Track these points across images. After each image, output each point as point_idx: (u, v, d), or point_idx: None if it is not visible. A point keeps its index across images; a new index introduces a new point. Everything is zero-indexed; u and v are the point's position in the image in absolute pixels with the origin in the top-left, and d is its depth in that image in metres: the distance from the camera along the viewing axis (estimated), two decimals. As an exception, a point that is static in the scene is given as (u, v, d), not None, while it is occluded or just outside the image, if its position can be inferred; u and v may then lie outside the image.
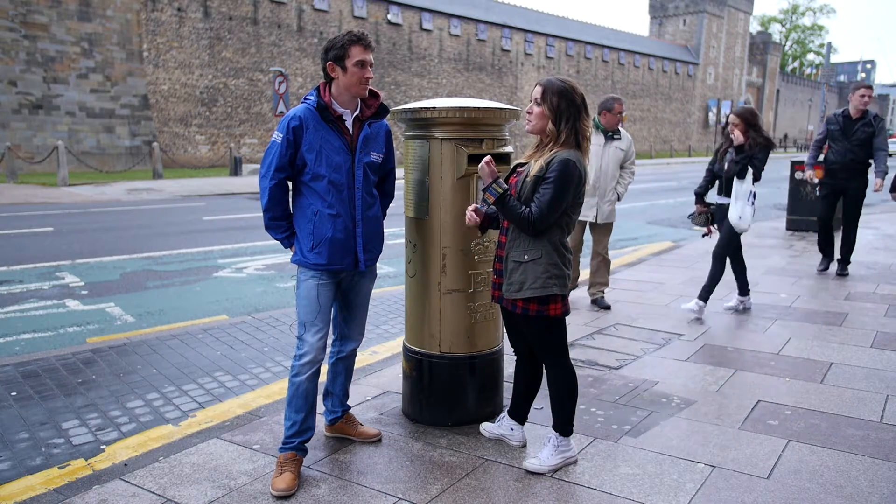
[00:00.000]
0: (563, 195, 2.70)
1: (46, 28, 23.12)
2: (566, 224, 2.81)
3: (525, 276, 2.78)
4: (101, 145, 24.46)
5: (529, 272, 2.77)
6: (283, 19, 31.36)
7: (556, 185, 2.68)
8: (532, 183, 2.74)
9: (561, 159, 2.70)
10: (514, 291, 2.81)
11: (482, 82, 41.35)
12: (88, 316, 5.74)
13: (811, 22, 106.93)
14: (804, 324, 5.27)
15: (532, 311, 2.82)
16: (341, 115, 2.86)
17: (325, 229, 2.84)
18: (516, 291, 2.80)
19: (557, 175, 2.68)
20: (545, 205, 2.69)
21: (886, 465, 3.00)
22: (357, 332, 3.19)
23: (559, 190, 2.68)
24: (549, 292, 2.77)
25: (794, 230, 10.46)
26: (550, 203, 2.68)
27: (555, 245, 2.79)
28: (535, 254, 2.77)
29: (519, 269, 2.79)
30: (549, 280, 2.76)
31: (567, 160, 2.70)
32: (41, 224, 11.22)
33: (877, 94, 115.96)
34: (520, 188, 2.80)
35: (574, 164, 2.70)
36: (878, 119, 6.82)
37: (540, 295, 2.76)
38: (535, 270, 2.76)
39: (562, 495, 2.75)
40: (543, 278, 2.76)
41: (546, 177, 2.71)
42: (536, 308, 2.81)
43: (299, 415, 2.91)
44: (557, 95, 2.75)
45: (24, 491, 2.81)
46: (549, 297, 2.79)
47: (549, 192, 2.69)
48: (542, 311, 2.81)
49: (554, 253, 2.78)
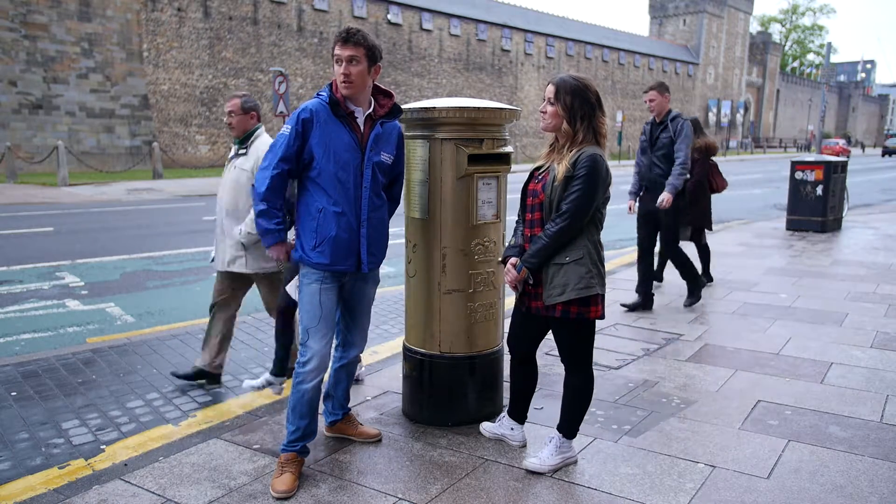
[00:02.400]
0: (596, 190, 2.69)
1: (46, 28, 23.12)
2: (599, 220, 2.80)
3: (567, 279, 2.72)
4: (101, 145, 24.46)
5: (572, 273, 2.72)
6: (283, 19, 31.35)
7: (588, 181, 2.67)
8: (563, 184, 2.72)
9: (589, 155, 2.70)
10: (556, 295, 2.73)
11: (482, 82, 41.35)
12: (88, 316, 5.74)
13: (811, 22, 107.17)
14: (804, 324, 5.27)
15: (573, 314, 2.77)
16: (353, 111, 2.82)
17: (328, 227, 2.78)
18: (559, 295, 2.72)
19: (588, 172, 2.68)
20: (579, 201, 2.67)
21: (886, 465, 3.00)
22: (360, 338, 3.16)
23: (591, 185, 2.68)
24: (592, 292, 2.72)
25: (794, 230, 10.46)
26: (585, 199, 2.67)
27: (594, 243, 2.77)
28: (577, 254, 2.73)
29: (560, 272, 2.73)
30: (593, 280, 2.73)
31: (595, 155, 2.70)
32: (41, 224, 11.22)
33: (877, 93, 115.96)
34: (549, 192, 2.77)
35: (601, 158, 2.71)
36: (677, 120, 5.51)
37: (585, 296, 2.72)
38: (577, 271, 2.72)
39: (562, 495, 2.75)
40: (587, 279, 2.72)
41: (576, 175, 2.69)
42: (577, 310, 2.76)
43: (303, 421, 2.88)
44: (571, 94, 2.74)
45: (24, 491, 2.81)
46: (590, 299, 2.75)
47: (581, 189, 2.68)
48: (582, 314, 2.77)
49: (594, 252, 2.77)
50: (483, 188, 3.20)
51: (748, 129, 70.82)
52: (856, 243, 9.41)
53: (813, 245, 9.18)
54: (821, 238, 9.82)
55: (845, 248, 9.07)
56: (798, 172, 10.38)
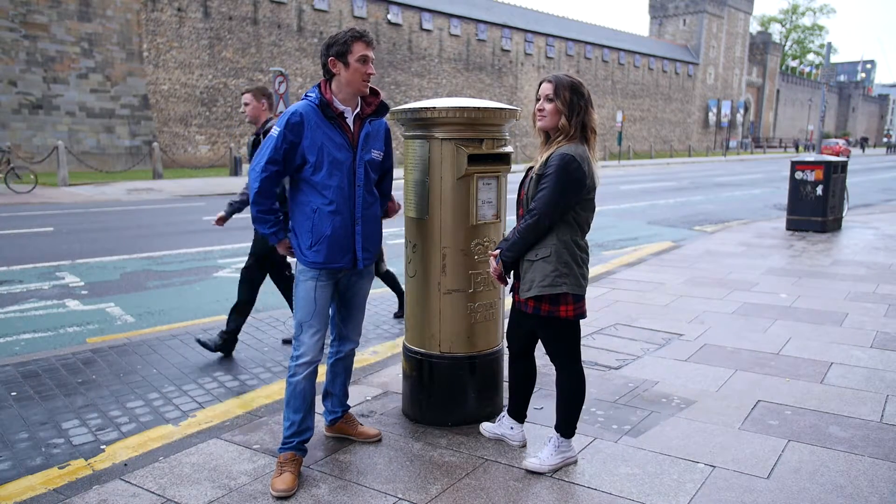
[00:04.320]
0: (563, 189, 2.69)
1: (46, 28, 23.12)
2: (576, 221, 2.79)
3: (535, 275, 2.77)
4: (101, 145, 24.46)
5: (539, 270, 2.76)
6: (283, 19, 31.36)
7: (554, 179, 2.69)
8: (535, 181, 2.77)
9: (559, 154, 2.72)
10: (525, 291, 2.80)
11: (482, 82, 41.36)
12: (88, 316, 5.74)
13: (811, 22, 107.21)
14: (804, 324, 5.27)
15: (543, 312, 2.80)
16: (342, 112, 2.86)
17: (324, 227, 2.83)
18: (527, 290, 2.79)
19: (555, 170, 2.70)
20: (545, 199, 2.70)
21: (886, 465, 3.00)
22: (355, 332, 3.20)
23: (557, 184, 2.68)
24: (557, 290, 2.74)
25: (794, 230, 10.45)
26: (550, 197, 2.69)
27: (565, 243, 2.77)
28: (544, 252, 2.76)
29: (531, 269, 2.79)
30: (559, 279, 2.74)
31: (564, 154, 2.71)
32: (41, 224, 11.22)
33: (877, 93, 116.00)
34: (528, 188, 2.83)
35: (572, 158, 2.70)
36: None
37: (549, 293, 2.75)
38: (544, 269, 2.75)
39: (562, 495, 2.75)
40: (552, 276, 2.74)
41: (545, 173, 2.72)
42: (548, 308, 2.79)
43: (297, 415, 2.91)
44: (569, 90, 2.77)
45: (24, 491, 2.81)
46: (559, 297, 2.77)
47: (547, 188, 2.70)
48: (553, 312, 2.80)
49: (564, 251, 2.76)
50: (483, 188, 3.20)
51: (748, 129, 70.83)
52: (856, 243, 9.41)
53: (813, 245, 9.18)
54: (821, 238, 9.82)
55: (845, 248, 9.07)
56: (798, 172, 10.38)
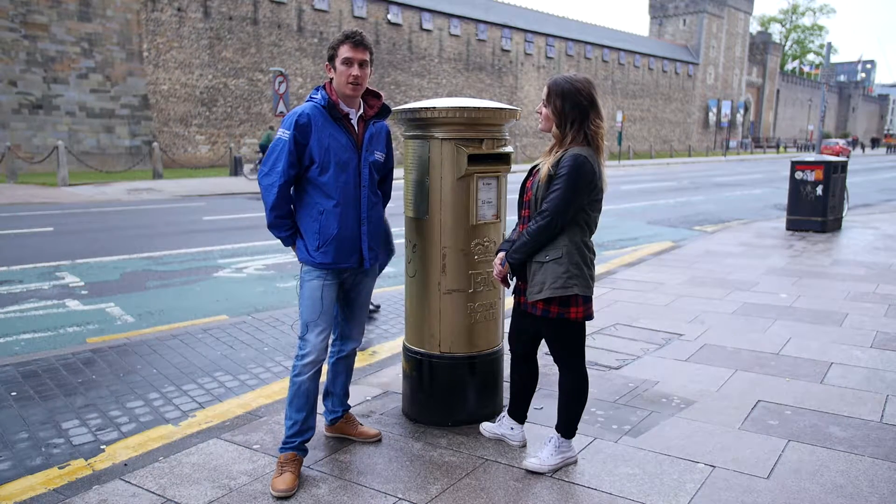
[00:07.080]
0: (575, 190, 2.69)
1: (46, 28, 23.12)
2: (585, 222, 2.79)
3: (545, 277, 2.75)
4: (101, 145, 24.46)
5: (549, 272, 2.74)
6: (283, 19, 31.36)
7: (567, 181, 2.67)
8: (545, 182, 2.74)
9: (571, 155, 2.70)
10: (535, 293, 2.77)
11: (482, 82, 41.36)
12: (88, 316, 5.74)
13: (811, 22, 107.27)
14: (804, 324, 5.27)
15: (553, 314, 2.79)
16: (347, 113, 2.88)
17: (331, 228, 2.84)
18: (537, 293, 2.76)
19: (568, 171, 2.68)
20: (558, 200, 2.68)
21: (886, 465, 3.00)
22: (357, 331, 3.20)
23: (570, 184, 2.67)
24: (569, 292, 2.73)
25: (794, 230, 10.46)
26: (563, 198, 2.68)
27: (576, 244, 2.76)
28: (555, 253, 2.74)
29: (540, 270, 2.77)
30: (570, 280, 2.73)
31: (577, 155, 2.70)
32: (41, 224, 11.22)
33: (877, 94, 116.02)
34: (535, 190, 2.80)
35: (585, 159, 2.69)
36: None
37: (560, 295, 2.73)
38: (555, 270, 2.73)
39: (562, 495, 2.75)
40: (564, 278, 2.73)
41: (557, 174, 2.71)
42: (557, 310, 2.78)
43: (300, 414, 2.91)
44: (560, 98, 2.74)
45: (24, 491, 2.81)
46: (570, 299, 2.76)
47: (560, 188, 2.68)
48: (563, 314, 2.78)
49: (575, 252, 2.76)
50: (483, 188, 3.20)
51: (748, 129, 70.83)
52: (856, 243, 9.41)
53: (813, 245, 9.18)
54: (821, 238, 9.83)
55: (845, 248, 9.07)
56: (798, 172, 10.37)
